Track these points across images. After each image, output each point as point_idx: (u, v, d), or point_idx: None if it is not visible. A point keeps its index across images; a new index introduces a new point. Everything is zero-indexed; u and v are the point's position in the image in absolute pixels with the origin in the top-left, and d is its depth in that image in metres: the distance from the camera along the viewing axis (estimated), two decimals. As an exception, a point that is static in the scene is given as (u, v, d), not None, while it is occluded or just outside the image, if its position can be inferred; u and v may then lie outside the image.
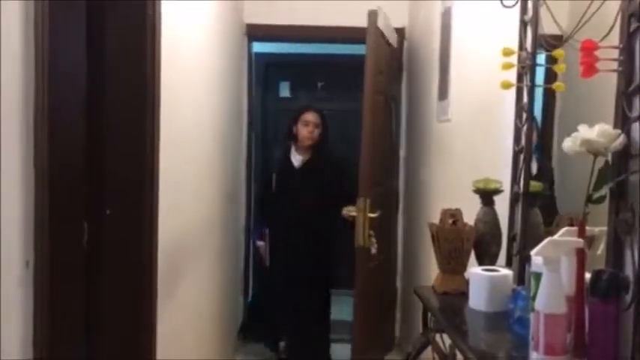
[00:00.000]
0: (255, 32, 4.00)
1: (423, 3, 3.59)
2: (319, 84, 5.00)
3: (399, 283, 4.11)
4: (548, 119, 1.88)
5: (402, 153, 4.04)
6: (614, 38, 1.26)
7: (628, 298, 1.19)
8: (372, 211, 2.88)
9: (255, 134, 4.35)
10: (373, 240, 2.92)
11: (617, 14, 1.24)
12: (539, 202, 1.82)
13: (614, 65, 1.24)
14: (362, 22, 2.92)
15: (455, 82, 2.75)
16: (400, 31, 3.94)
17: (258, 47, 4.39)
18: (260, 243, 3.62)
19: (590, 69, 1.25)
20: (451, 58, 2.80)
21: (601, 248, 1.33)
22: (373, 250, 3.03)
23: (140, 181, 1.71)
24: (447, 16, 2.90)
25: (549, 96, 1.81)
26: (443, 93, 2.92)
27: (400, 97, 4.00)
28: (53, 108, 1.19)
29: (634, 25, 1.19)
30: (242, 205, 4.05)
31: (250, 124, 4.17)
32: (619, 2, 1.24)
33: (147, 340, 1.78)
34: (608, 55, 1.26)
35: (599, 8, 1.32)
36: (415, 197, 3.73)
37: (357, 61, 3.81)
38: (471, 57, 2.52)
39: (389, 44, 3.40)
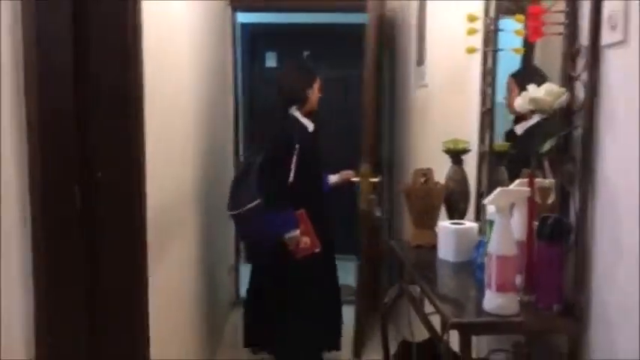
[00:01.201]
0: (239, 2, 4.05)
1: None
2: (305, 53, 5.06)
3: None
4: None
5: (384, 120, 4.15)
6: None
7: (570, 240, 1.32)
8: (373, 176, 3.00)
9: (242, 104, 4.43)
10: (375, 203, 3.05)
11: (563, -19, 1.35)
12: (505, 160, 1.94)
13: (561, 29, 1.35)
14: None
15: (430, 48, 2.84)
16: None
17: (243, 18, 4.44)
18: (296, 232, 2.85)
19: (536, 32, 1.36)
20: (427, 25, 2.89)
21: (552, 198, 1.46)
22: (378, 213, 3.14)
23: (128, 145, 1.80)
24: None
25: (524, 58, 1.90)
26: (420, 59, 3.02)
27: (383, 66, 4.08)
28: (43, 78, 1.29)
29: (576, -9, 1.30)
30: (230, 170, 4.15)
31: (236, 94, 4.25)
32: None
33: (140, 296, 1.91)
34: (556, 19, 1.37)
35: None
36: (398, 161, 3.85)
37: (342, 30, 3.91)
38: (444, 23, 2.61)
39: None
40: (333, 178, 3.25)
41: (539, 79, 1.47)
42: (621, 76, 1.18)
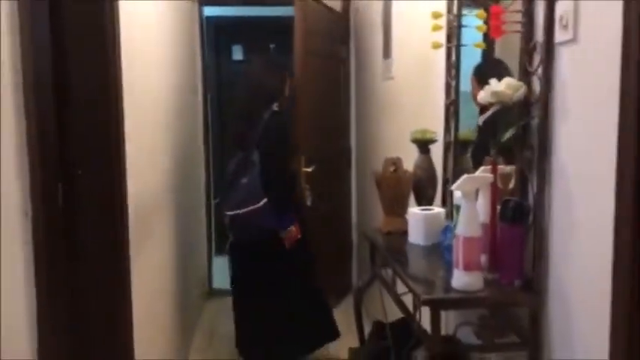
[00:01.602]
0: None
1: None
2: (271, 46, 5.12)
3: (354, 235, 4.38)
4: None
5: (352, 111, 4.25)
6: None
7: (529, 221, 1.45)
8: (307, 166, 3.16)
9: (210, 97, 4.48)
10: (308, 193, 3.15)
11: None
12: (469, 149, 2.06)
13: (518, 27, 1.47)
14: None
15: (396, 42, 2.95)
16: (347, -7, 4.11)
17: (209, 11, 4.47)
18: (292, 227, 2.87)
19: (497, 30, 1.47)
20: (392, 19, 3.00)
21: (512, 183, 1.58)
22: (308, 202, 3.25)
23: (107, 143, 1.86)
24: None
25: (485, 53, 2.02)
26: (387, 52, 3.12)
27: (349, 59, 4.18)
28: (25, 81, 1.34)
29: (531, -7, 1.41)
30: (201, 163, 4.20)
31: (205, 86, 4.29)
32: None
33: (122, 291, 1.96)
34: (515, 18, 1.48)
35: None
36: (365, 151, 3.97)
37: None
38: (410, 17, 2.71)
39: (328, 8, 3.58)
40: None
41: (504, 71, 1.58)
42: (572, 72, 1.30)
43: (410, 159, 2.16)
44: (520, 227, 1.44)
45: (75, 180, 1.76)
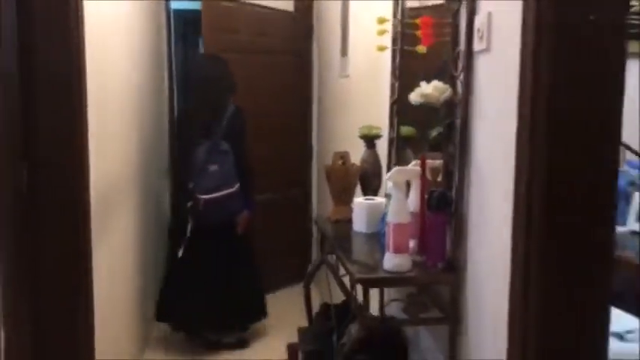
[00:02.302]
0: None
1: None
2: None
3: (314, 227, 4.54)
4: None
5: (314, 107, 4.41)
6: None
7: (452, 210, 1.62)
8: None
9: (177, 88, 4.57)
10: None
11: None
12: (410, 144, 2.24)
13: (446, 36, 1.64)
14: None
15: (352, 41, 3.11)
16: (310, -8, 4.26)
17: (176, 4, 4.56)
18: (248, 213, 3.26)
19: (427, 38, 1.64)
20: (349, 18, 3.15)
21: (440, 176, 1.75)
22: None
23: (71, 130, 1.96)
24: (346, -19, 3.23)
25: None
26: (344, 50, 3.28)
27: (311, 56, 4.34)
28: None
29: (456, 6, 1.58)
30: (166, 155, 4.30)
31: (172, 77, 4.38)
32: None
33: (83, 275, 2.07)
34: (443, 28, 1.65)
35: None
36: (325, 146, 4.13)
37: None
38: (364, 18, 2.87)
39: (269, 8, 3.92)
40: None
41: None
42: (487, 77, 1.47)
43: (357, 152, 2.32)
44: (443, 215, 1.62)
45: (39, 170, 1.88)
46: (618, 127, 1.25)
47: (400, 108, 2.18)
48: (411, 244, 1.67)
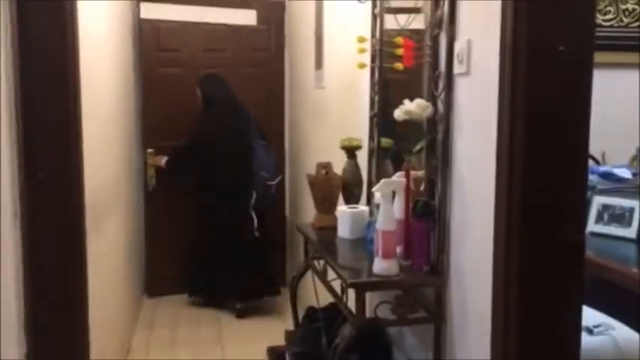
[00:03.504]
0: None
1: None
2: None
3: (287, 233, 4.66)
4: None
5: (286, 115, 4.53)
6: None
7: (435, 217, 1.77)
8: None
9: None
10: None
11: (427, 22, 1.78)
12: (389, 155, 2.37)
13: (427, 58, 1.78)
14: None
15: (328, 55, 3.24)
16: (281, 4, 4.39)
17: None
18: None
19: (409, 60, 1.78)
20: (324, 34, 3.28)
21: (423, 185, 1.90)
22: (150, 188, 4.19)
23: (67, 147, 2.03)
24: (320, -4, 3.36)
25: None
26: (319, 63, 3.41)
27: (283, 66, 4.47)
28: None
29: (436, 31, 1.73)
30: (140, 168, 4.34)
31: (144, 90, 4.42)
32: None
33: (79, 286, 2.13)
34: (424, 50, 1.80)
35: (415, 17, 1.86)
36: (299, 153, 4.25)
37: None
38: (340, 34, 3.00)
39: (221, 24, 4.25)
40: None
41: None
42: (466, 97, 1.62)
43: (338, 162, 2.45)
44: (428, 222, 1.76)
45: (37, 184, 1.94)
46: (586, 141, 1.41)
47: (380, 121, 2.32)
48: (398, 249, 1.80)
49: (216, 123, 4.02)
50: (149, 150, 4.25)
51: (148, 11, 4.23)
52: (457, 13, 1.65)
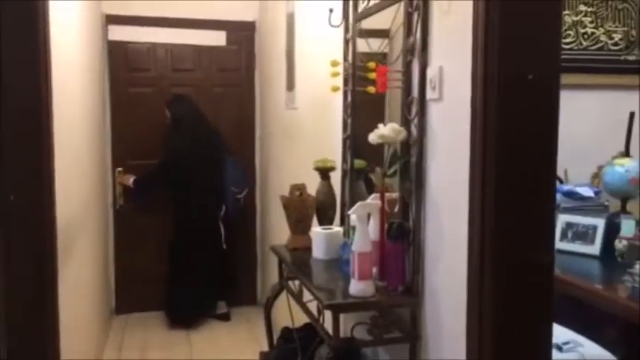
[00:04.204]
0: (114, 21, 4.23)
1: (270, 1, 4.08)
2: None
3: (258, 249, 4.66)
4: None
5: (257, 134, 4.55)
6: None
7: (410, 238, 1.81)
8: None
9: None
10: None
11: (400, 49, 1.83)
12: (362, 176, 2.41)
13: (399, 84, 1.83)
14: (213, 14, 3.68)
15: (300, 77, 3.28)
16: (251, 25, 4.43)
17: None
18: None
19: (382, 85, 1.83)
20: (295, 57, 3.33)
21: (397, 208, 1.94)
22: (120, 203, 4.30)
23: (39, 169, 2.01)
24: (290, 18, 3.41)
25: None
26: (290, 84, 3.45)
27: (254, 86, 4.50)
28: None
29: (409, 58, 1.78)
30: (109, 186, 4.29)
31: (113, 110, 4.39)
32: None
33: (51, 304, 2.10)
34: (396, 76, 1.85)
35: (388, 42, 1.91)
36: (269, 171, 4.27)
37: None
38: (313, 56, 3.05)
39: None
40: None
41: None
42: (439, 122, 1.67)
43: (309, 181, 2.47)
44: (402, 244, 1.80)
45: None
46: (555, 164, 1.48)
47: (353, 143, 2.36)
48: (373, 270, 1.83)
49: (185, 141, 4.09)
50: (118, 169, 4.25)
51: (116, 33, 4.24)
52: (429, 40, 1.70)
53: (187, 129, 4.10)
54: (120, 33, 4.19)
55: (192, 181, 4.09)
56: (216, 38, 4.40)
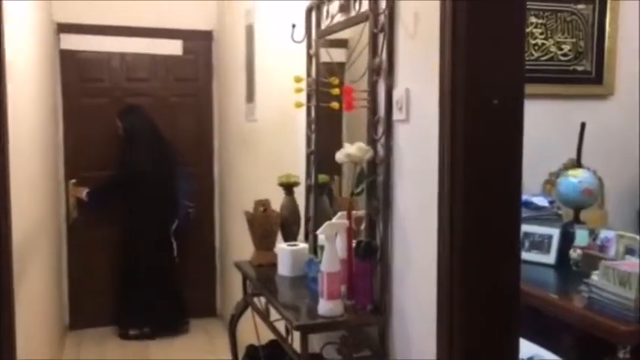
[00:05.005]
0: (66, 30, 4.11)
1: (227, 10, 4.04)
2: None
3: (217, 261, 4.60)
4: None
5: (215, 145, 4.50)
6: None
7: (377, 257, 1.82)
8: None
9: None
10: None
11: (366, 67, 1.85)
12: (326, 190, 2.42)
13: (365, 103, 1.85)
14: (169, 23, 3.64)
15: (260, 89, 3.26)
16: (208, 35, 4.38)
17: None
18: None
19: (349, 105, 1.84)
20: (255, 68, 3.31)
21: (363, 225, 1.95)
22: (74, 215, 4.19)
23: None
24: (250, 29, 3.39)
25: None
26: (250, 96, 3.42)
27: (211, 96, 4.45)
28: None
29: (375, 78, 1.80)
30: (62, 198, 4.17)
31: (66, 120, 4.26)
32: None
33: (8, 322, 2.02)
34: (362, 95, 1.86)
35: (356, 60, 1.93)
36: (229, 185, 4.23)
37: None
38: (274, 70, 3.04)
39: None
40: None
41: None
42: (406, 142, 1.69)
43: (271, 194, 2.45)
44: (370, 262, 1.81)
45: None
46: (520, 181, 1.51)
47: (317, 158, 2.36)
48: (342, 288, 1.83)
49: (137, 154, 4.05)
50: (72, 181, 4.13)
51: (68, 42, 4.13)
52: (395, 61, 1.72)
53: (139, 141, 4.07)
54: (72, 42, 4.09)
55: (145, 194, 4.06)
56: (172, 47, 4.35)
